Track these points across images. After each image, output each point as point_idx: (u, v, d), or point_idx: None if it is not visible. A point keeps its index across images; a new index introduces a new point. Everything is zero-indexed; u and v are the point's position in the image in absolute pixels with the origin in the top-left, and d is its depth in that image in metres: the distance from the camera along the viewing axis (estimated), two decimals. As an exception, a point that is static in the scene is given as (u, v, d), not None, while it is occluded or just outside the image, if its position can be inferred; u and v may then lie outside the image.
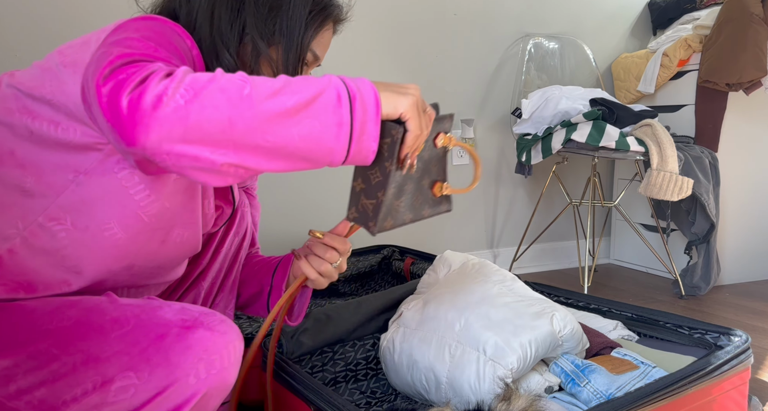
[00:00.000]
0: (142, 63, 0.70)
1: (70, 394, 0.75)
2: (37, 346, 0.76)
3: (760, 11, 2.06)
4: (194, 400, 0.78)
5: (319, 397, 0.97)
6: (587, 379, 1.05)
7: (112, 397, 0.75)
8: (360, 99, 0.74)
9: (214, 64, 0.88)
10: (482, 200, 2.48)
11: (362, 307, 1.38)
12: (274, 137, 0.70)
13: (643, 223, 2.51)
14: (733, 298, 2.13)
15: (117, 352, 0.76)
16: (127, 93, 0.66)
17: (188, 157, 0.67)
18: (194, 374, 0.77)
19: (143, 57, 0.72)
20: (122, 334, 0.78)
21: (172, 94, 0.66)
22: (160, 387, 0.76)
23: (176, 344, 0.77)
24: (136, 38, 0.76)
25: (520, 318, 1.11)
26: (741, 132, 2.25)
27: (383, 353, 1.27)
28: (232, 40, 0.89)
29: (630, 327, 1.35)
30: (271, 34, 0.91)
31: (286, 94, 0.71)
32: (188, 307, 0.84)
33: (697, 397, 1.03)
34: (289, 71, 0.92)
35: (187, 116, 0.66)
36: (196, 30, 0.89)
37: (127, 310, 0.81)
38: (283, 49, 0.92)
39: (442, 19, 2.31)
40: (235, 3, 0.89)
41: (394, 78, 2.25)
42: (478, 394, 1.05)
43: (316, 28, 0.95)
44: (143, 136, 0.65)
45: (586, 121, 2.00)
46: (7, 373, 0.75)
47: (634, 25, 2.70)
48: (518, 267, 2.50)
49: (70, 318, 0.79)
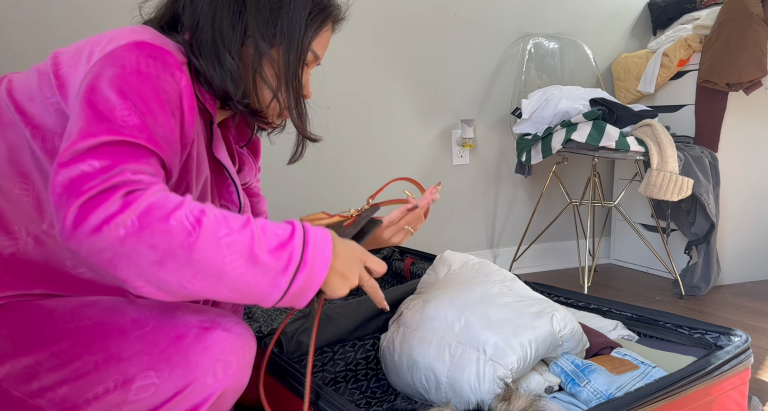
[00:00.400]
0: (114, 163, 0.69)
1: (92, 393, 0.76)
2: (60, 344, 0.78)
3: (760, 11, 2.06)
4: (211, 400, 0.80)
5: (318, 396, 0.97)
6: (587, 379, 1.05)
7: (133, 396, 0.77)
8: (305, 278, 0.76)
9: (216, 68, 0.89)
10: (482, 200, 2.48)
11: (362, 307, 1.38)
12: (199, 287, 0.71)
13: (643, 223, 2.51)
14: (733, 298, 2.13)
15: (138, 352, 0.78)
16: (79, 203, 0.66)
17: (108, 268, 0.68)
18: (212, 374, 0.79)
19: (124, 139, 0.72)
20: (143, 334, 0.79)
21: (117, 224, 0.66)
22: (180, 386, 0.78)
23: (195, 345, 0.79)
24: (124, 104, 0.75)
25: (520, 318, 1.11)
26: (741, 132, 2.25)
27: (383, 353, 1.27)
28: (234, 43, 0.90)
29: (630, 327, 1.35)
30: (272, 35, 0.92)
31: (233, 256, 0.71)
32: (204, 309, 0.86)
33: (697, 397, 1.03)
34: (290, 71, 0.94)
35: (120, 245, 0.66)
36: (197, 33, 0.90)
37: (146, 310, 0.83)
38: (284, 50, 0.93)
39: (442, 19, 2.31)
40: (237, 6, 0.90)
41: (394, 78, 2.25)
42: (478, 394, 1.05)
43: (316, 29, 0.96)
44: (74, 246, 0.67)
45: (586, 121, 2.00)
46: (30, 371, 0.76)
47: (634, 25, 2.70)
48: (518, 267, 2.50)
49: (90, 318, 0.80)
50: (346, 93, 2.17)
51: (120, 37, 0.81)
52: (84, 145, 0.70)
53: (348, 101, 2.18)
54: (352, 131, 2.20)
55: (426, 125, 2.34)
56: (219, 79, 0.89)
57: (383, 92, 2.24)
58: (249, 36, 0.90)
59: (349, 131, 2.20)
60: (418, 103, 2.31)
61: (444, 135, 2.37)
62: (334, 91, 2.15)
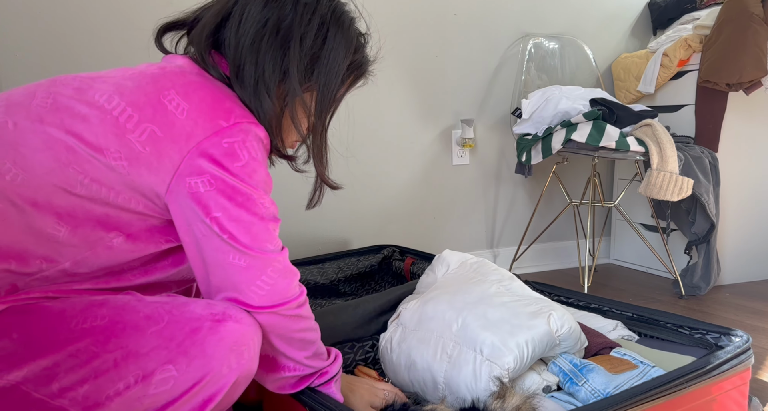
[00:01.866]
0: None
1: (113, 389, 0.79)
2: (76, 345, 0.79)
3: (760, 11, 2.05)
4: (226, 389, 0.84)
5: (312, 399, 0.97)
6: (585, 378, 1.05)
7: (153, 390, 0.80)
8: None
9: (257, 107, 0.91)
10: (482, 200, 2.48)
11: (360, 309, 1.38)
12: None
13: (643, 223, 2.51)
14: (733, 298, 2.13)
15: (156, 347, 0.81)
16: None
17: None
18: (227, 364, 0.83)
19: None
20: (159, 329, 0.82)
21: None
22: (197, 377, 0.82)
23: (210, 337, 0.83)
24: (264, 214, 0.88)
25: (516, 318, 1.10)
26: (741, 132, 2.25)
27: (382, 353, 1.27)
28: (272, 84, 0.92)
29: (630, 327, 1.35)
30: (308, 81, 0.95)
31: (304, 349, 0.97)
32: (212, 302, 0.89)
33: (696, 396, 1.03)
34: (320, 117, 0.97)
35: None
36: (240, 71, 0.92)
37: (158, 306, 0.86)
38: (318, 98, 0.96)
39: (442, 19, 2.31)
40: (279, 51, 0.92)
41: (394, 78, 2.25)
42: (475, 394, 1.05)
43: (350, 84, 1.02)
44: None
45: (586, 121, 2.00)
46: (48, 372, 0.78)
47: (634, 25, 2.70)
48: (518, 267, 2.50)
49: (103, 317, 0.82)
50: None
51: (211, 111, 0.85)
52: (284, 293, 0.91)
53: (348, 101, 2.18)
54: (352, 131, 2.20)
55: (426, 125, 2.34)
56: (257, 114, 0.92)
57: (383, 92, 2.24)
58: (286, 79, 0.92)
59: (349, 131, 2.20)
60: (418, 103, 2.31)
61: (444, 135, 2.37)
62: (333, 91, 2.15)
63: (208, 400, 0.83)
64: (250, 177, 0.86)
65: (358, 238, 2.26)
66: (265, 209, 0.88)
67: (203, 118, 0.84)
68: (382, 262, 2.03)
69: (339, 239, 2.22)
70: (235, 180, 0.84)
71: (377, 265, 2.03)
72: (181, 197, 0.84)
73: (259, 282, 0.87)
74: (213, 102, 0.86)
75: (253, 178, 0.86)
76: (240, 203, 0.84)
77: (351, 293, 1.97)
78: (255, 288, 0.87)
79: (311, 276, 1.91)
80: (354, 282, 2.00)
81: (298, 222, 2.14)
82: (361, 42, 1.01)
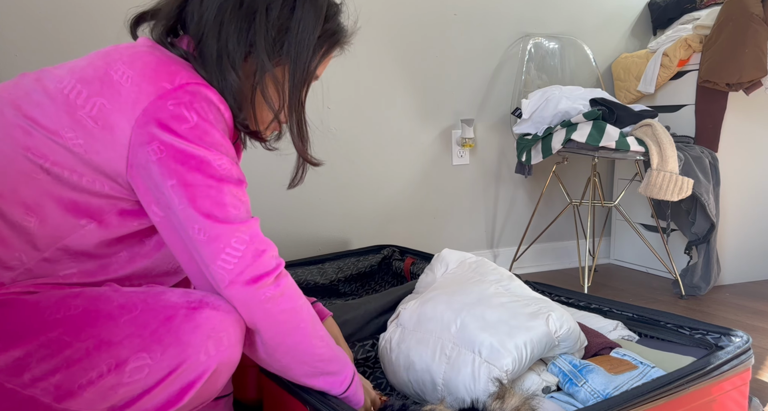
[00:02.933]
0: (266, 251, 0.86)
1: (85, 378, 0.78)
2: (48, 335, 0.79)
3: (760, 11, 2.05)
4: (206, 376, 0.82)
5: (313, 396, 0.97)
6: (585, 379, 1.05)
7: (127, 378, 0.79)
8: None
9: (220, 82, 0.88)
10: (482, 200, 2.48)
11: (361, 309, 1.38)
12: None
13: (643, 223, 2.50)
14: (733, 298, 2.13)
15: (129, 335, 0.80)
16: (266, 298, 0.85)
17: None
18: (204, 351, 0.81)
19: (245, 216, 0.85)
20: (132, 318, 0.81)
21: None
22: (173, 365, 0.80)
23: (185, 324, 0.81)
24: (225, 175, 0.83)
25: (515, 318, 1.10)
26: (741, 132, 2.25)
27: (381, 353, 1.27)
28: (238, 58, 0.89)
29: (630, 327, 1.35)
30: (278, 54, 0.91)
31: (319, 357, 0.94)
32: (190, 291, 0.87)
33: (696, 396, 1.02)
34: (294, 93, 0.94)
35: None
36: (201, 45, 0.89)
37: (133, 296, 0.84)
38: (289, 71, 0.93)
39: (442, 19, 2.31)
40: (244, 23, 0.89)
41: (394, 77, 2.25)
42: (474, 395, 1.05)
43: (323, 54, 0.97)
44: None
45: (586, 121, 2.00)
46: (20, 363, 0.77)
47: (634, 25, 2.70)
48: (518, 267, 2.50)
49: (77, 307, 0.81)
50: (346, 93, 2.17)
51: (154, 74, 0.82)
52: (253, 262, 0.85)
53: (348, 101, 2.18)
54: (352, 131, 2.20)
55: (426, 125, 2.34)
56: (221, 92, 0.89)
57: (383, 92, 2.24)
58: (253, 52, 0.90)
59: (349, 131, 2.20)
60: (418, 103, 2.31)
61: (444, 135, 2.37)
62: (333, 91, 2.15)
63: (187, 388, 0.81)
64: (201, 139, 0.81)
65: (358, 238, 2.26)
66: (223, 170, 0.82)
67: (146, 82, 0.81)
68: (382, 262, 2.03)
69: (339, 239, 2.22)
70: (184, 143, 0.80)
71: (377, 265, 2.03)
72: (142, 170, 0.81)
73: (223, 255, 0.82)
74: (157, 65, 0.83)
75: (204, 139, 0.81)
76: (193, 166, 0.80)
77: (351, 293, 1.96)
78: (221, 262, 0.82)
79: (311, 276, 1.91)
80: (354, 282, 2.00)
81: (298, 222, 2.14)
82: (333, 11, 0.97)
